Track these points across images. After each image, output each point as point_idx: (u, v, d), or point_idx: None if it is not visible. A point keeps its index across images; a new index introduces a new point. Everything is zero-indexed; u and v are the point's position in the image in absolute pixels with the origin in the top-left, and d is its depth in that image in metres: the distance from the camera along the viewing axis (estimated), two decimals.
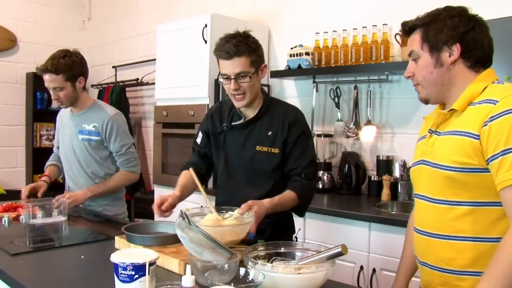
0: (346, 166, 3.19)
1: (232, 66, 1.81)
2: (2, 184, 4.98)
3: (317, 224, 2.74)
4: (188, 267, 1.06)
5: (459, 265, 1.36)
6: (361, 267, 2.53)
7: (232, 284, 1.20)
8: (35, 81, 5.02)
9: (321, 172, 3.32)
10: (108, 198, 2.69)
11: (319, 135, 3.40)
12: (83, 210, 2.60)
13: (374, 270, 2.49)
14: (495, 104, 1.30)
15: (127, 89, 4.95)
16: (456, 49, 1.40)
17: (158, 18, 4.72)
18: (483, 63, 1.43)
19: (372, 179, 3.09)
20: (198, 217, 1.60)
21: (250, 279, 1.21)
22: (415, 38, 1.46)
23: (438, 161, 1.40)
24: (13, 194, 3.64)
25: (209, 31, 3.41)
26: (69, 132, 2.69)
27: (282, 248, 1.41)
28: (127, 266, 1.11)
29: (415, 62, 1.47)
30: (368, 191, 3.14)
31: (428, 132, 1.50)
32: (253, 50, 1.84)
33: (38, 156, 5.01)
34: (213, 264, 1.31)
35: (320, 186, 3.28)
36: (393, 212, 2.78)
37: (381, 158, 3.10)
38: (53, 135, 4.05)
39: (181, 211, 1.36)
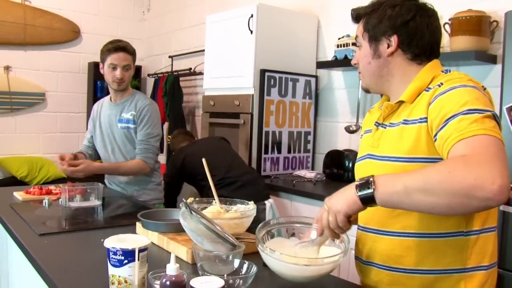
0: None
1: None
2: None
3: None
4: (173, 255, 1.06)
5: (408, 263, 1.28)
6: None
7: (226, 275, 1.19)
8: (95, 71, 5.19)
9: None
10: (143, 184, 2.80)
11: None
12: (119, 194, 2.70)
13: None
14: (440, 86, 1.24)
15: (181, 78, 5.05)
16: (394, 40, 1.35)
17: (211, 8, 4.77)
18: (427, 55, 1.36)
19: None
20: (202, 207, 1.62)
21: (243, 271, 1.19)
22: (359, 26, 1.45)
23: (385, 153, 1.32)
24: (72, 179, 3.79)
25: (255, 22, 3.38)
26: (109, 121, 2.82)
27: (298, 224, 1.41)
28: (117, 251, 1.13)
29: (359, 50, 1.44)
30: None
31: (375, 125, 1.42)
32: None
33: None
34: (215, 254, 1.30)
35: None
36: None
37: None
38: None
39: (183, 200, 1.37)
